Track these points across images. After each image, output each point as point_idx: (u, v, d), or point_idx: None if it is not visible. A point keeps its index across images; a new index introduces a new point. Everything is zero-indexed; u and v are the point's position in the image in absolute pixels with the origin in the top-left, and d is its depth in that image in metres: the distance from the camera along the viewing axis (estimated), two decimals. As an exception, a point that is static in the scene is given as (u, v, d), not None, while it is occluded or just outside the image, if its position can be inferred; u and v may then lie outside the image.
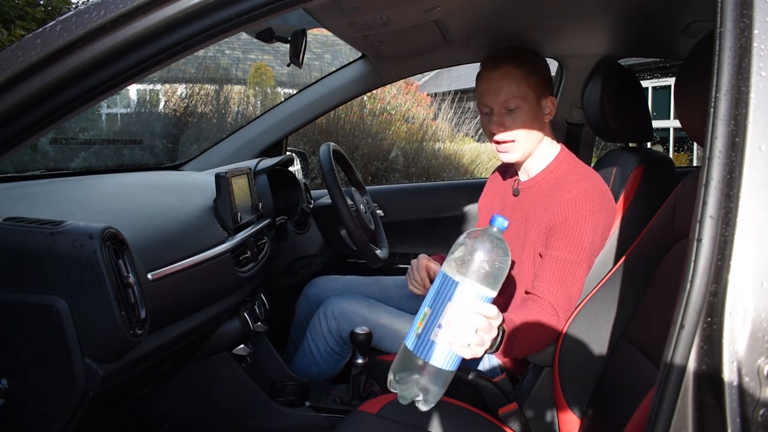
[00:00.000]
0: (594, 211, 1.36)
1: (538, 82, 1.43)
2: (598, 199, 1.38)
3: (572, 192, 1.38)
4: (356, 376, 1.45)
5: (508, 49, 1.46)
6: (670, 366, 0.65)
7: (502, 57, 1.44)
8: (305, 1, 0.85)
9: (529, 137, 1.45)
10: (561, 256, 1.35)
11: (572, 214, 1.36)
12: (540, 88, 1.44)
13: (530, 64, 1.43)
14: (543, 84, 1.45)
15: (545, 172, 1.49)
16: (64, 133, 4.26)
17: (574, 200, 1.37)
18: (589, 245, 1.35)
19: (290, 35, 1.77)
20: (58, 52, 0.76)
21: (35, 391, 0.92)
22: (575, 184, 1.40)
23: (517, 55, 1.44)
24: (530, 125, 1.44)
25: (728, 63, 0.65)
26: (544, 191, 1.46)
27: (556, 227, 1.37)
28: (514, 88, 1.41)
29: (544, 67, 1.47)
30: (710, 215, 0.64)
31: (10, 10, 4.00)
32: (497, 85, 1.43)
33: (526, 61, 1.43)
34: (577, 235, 1.35)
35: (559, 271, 1.34)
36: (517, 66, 1.42)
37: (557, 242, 1.36)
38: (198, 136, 6.02)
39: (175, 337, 1.19)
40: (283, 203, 2.07)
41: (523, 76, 1.42)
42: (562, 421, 1.26)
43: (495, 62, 1.44)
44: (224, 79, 7.51)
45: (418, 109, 7.77)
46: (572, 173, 1.45)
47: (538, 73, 1.44)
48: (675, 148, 9.15)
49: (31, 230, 0.91)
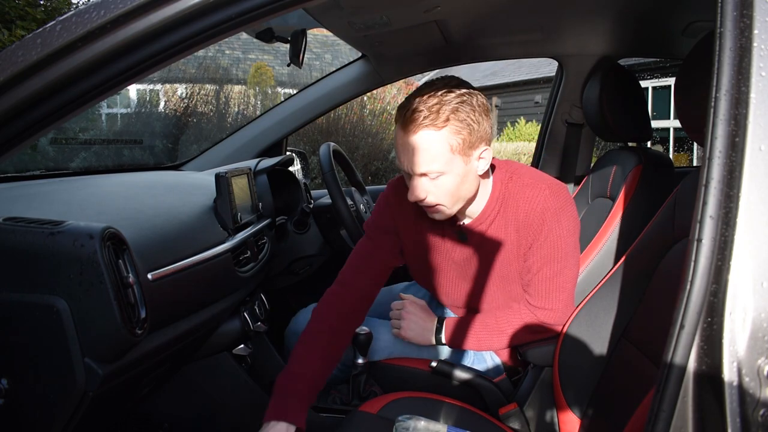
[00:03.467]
0: (560, 218, 1.29)
1: (465, 142, 1.19)
2: (559, 200, 1.29)
3: (534, 209, 1.28)
4: (356, 376, 1.45)
5: (427, 98, 1.17)
6: (670, 366, 0.65)
7: (418, 117, 1.17)
8: (305, 1, 0.85)
9: (459, 199, 1.26)
10: (543, 275, 1.32)
11: (540, 231, 1.29)
12: (468, 146, 1.19)
13: (454, 121, 1.17)
14: (472, 139, 1.19)
15: (490, 205, 1.33)
16: (64, 133, 4.26)
17: (539, 216, 1.28)
18: (566, 251, 1.31)
19: (290, 35, 1.77)
20: (58, 52, 0.76)
21: (35, 391, 0.92)
22: (532, 198, 1.29)
23: (439, 109, 1.16)
24: (458, 189, 1.23)
25: (728, 63, 0.65)
26: (496, 220, 1.33)
27: (531, 247, 1.31)
28: (433, 156, 1.18)
29: (473, 117, 1.19)
30: (710, 215, 0.64)
31: (11, 11, 4.00)
32: (412, 152, 1.19)
33: (449, 119, 1.17)
34: (551, 249, 1.30)
35: (547, 289, 1.32)
36: (437, 129, 1.16)
37: (535, 263, 1.31)
38: (198, 136, 6.02)
39: (175, 337, 1.18)
40: (283, 203, 2.07)
41: (445, 141, 1.17)
42: (562, 421, 1.26)
43: (410, 122, 1.17)
44: (224, 79, 7.51)
45: (418, 109, 7.76)
46: (515, 182, 1.32)
47: (464, 130, 1.18)
48: (675, 148, 9.15)
49: (31, 230, 0.91)
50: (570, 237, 1.31)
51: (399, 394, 1.32)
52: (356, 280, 1.41)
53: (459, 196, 1.25)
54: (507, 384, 1.40)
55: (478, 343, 1.39)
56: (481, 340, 1.38)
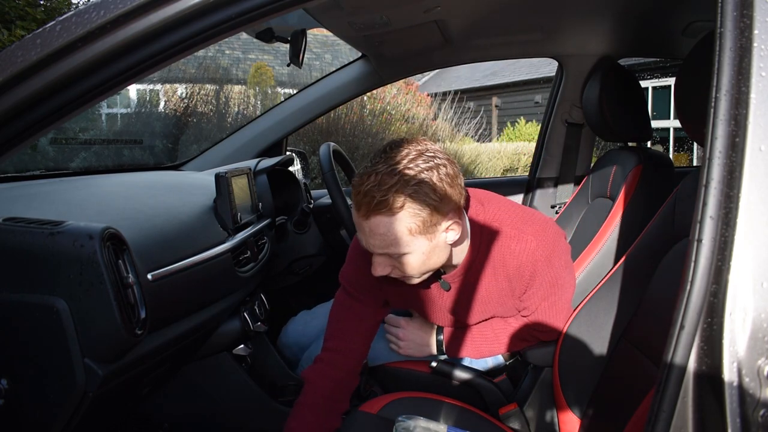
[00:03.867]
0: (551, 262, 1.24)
1: (427, 222, 1.06)
2: (548, 247, 1.23)
3: (524, 264, 1.22)
4: (356, 376, 1.45)
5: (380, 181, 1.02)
6: (670, 366, 0.65)
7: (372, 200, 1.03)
8: (305, 1, 0.85)
9: (428, 268, 1.15)
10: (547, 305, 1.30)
11: (534, 279, 1.25)
12: (432, 225, 1.07)
13: (412, 202, 1.03)
14: (435, 216, 1.06)
15: (470, 256, 1.25)
16: (64, 133, 4.26)
17: (530, 268, 1.23)
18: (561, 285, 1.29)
19: (290, 35, 1.77)
20: (57, 52, 0.76)
21: (35, 391, 0.92)
22: (519, 253, 1.22)
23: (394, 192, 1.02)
24: (424, 263, 1.12)
25: (728, 63, 0.65)
26: (483, 268, 1.27)
27: (526, 291, 1.28)
28: (390, 241, 1.06)
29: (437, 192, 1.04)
30: (710, 216, 0.64)
31: (11, 11, 4.00)
32: (368, 233, 1.07)
33: (405, 201, 1.03)
34: (546, 289, 1.27)
35: (546, 318, 1.32)
36: (391, 213, 1.03)
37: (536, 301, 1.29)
38: (198, 136, 6.02)
39: (175, 337, 1.18)
40: (283, 203, 2.07)
41: (402, 226, 1.04)
42: (562, 421, 1.26)
43: (362, 205, 1.04)
44: (224, 79, 7.51)
45: (418, 109, 7.77)
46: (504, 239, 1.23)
47: (424, 209, 1.04)
48: (675, 148, 9.15)
49: (31, 230, 0.91)
50: (564, 269, 1.28)
51: (399, 394, 1.32)
52: (345, 344, 1.30)
53: (427, 268, 1.15)
54: (507, 384, 1.40)
55: (478, 353, 1.39)
56: (482, 352, 1.39)
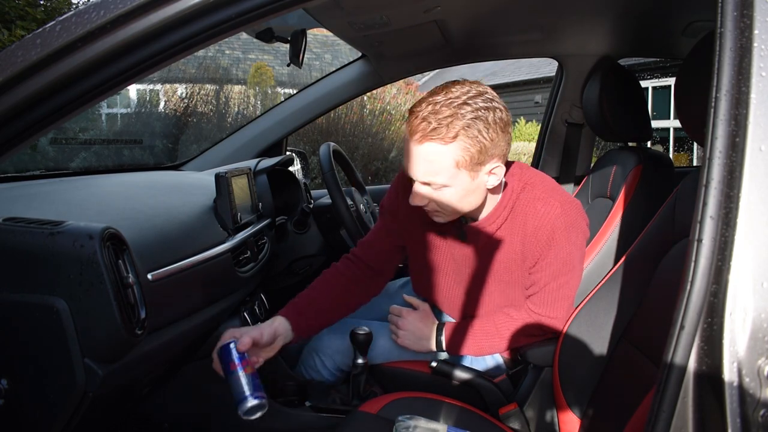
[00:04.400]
0: (569, 236, 1.26)
1: (474, 159, 1.12)
2: (570, 219, 1.25)
3: (544, 226, 1.24)
4: (356, 376, 1.45)
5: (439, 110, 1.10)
6: (670, 366, 0.65)
7: (428, 126, 1.10)
8: (305, 1, 0.85)
9: (461, 209, 1.22)
10: (549, 288, 1.31)
11: (549, 248, 1.26)
12: (478, 163, 1.14)
13: (464, 137, 1.10)
14: (482, 155, 1.13)
15: (497, 211, 1.29)
16: (64, 133, 4.26)
17: (548, 234, 1.24)
18: (571, 266, 1.30)
19: (290, 35, 1.77)
20: (57, 52, 0.76)
21: (35, 391, 0.92)
22: (544, 213, 1.25)
23: (450, 122, 1.10)
24: (460, 201, 1.19)
25: (728, 63, 0.65)
26: (502, 227, 1.30)
27: (538, 262, 1.29)
28: (436, 170, 1.13)
29: (487, 131, 1.12)
30: (710, 216, 0.64)
31: (11, 11, 4.00)
32: (416, 160, 1.14)
33: (459, 134, 1.10)
34: (558, 265, 1.28)
35: (552, 300, 1.32)
36: (445, 142, 1.11)
37: (546, 275, 1.30)
38: (198, 136, 6.01)
39: (175, 337, 1.18)
40: (283, 203, 2.07)
41: (451, 155, 1.11)
42: (562, 421, 1.26)
43: (418, 132, 1.11)
44: (224, 79, 7.50)
45: (418, 109, 7.75)
46: (531, 200, 1.27)
47: (474, 146, 1.11)
48: (675, 148, 9.15)
49: (31, 230, 0.91)
50: (578, 251, 1.30)
51: (399, 394, 1.32)
52: (365, 255, 1.47)
53: (461, 207, 1.22)
54: (507, 384, 1.39)
55: (479, 349, 1.38)
56: (482, 348, 1.38)
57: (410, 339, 1.43)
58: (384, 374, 1.49)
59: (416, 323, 1.44)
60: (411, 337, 1.43)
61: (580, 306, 1.30)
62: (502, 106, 1.16)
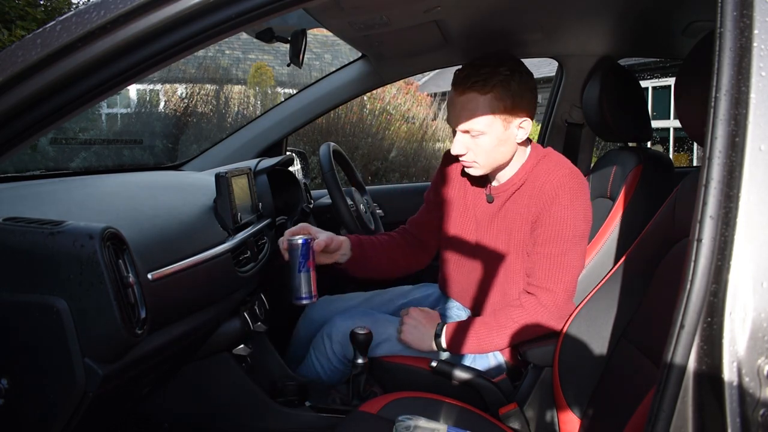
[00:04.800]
0: (572, 199, 1.36)
1: (507, 108, 1.34)
2: (575, 185, 1.37)
3: (550, 182, 1.37)
4: (356, 376, 1.45)
5: (480, 67, 1.34)
6: (670, 366, 0.65)
7: (469, 79, 1.34)
8: (305, 1, 0.85)
9: (494, 160, 1.40)
10: (547, 252, 1.36)
11: (551, 205, 1.36)
12: (510, 113, 1.35)
13: (500, 89, 1.33)
14: (514, 108, 1.35)
15: (518, 174, 1.45)
16: (64, 133, 4.26)
17: (553, 190, 1.36)
18: (572, 233, 1.36)
19: (290, 35, 1.77)
20: (58, 52, 0.76)
21: (35, 391, 0.92)
22: (551, 173, 1.39)
23: (488, 77, 1.33)
24: (494, 151, 1.38)
25: (728, 63, 0.65)
26: (520, 189, 1.44)
27: (538, 220, 1.38)
28: (476, 116, 1.34)
29: (518, 88, 1.35)
30: (710, 215, 0.64)
31: (11, 11, 4.00)
32: (459, 110, 1.36)
33: (495, 86, 1.32)
34: (559, 226, 1.35)
35: (550, 267, 1.36)
36: (483, 92, 1.33)
37: (541, 236, 1.38)
38: (198, 136, 6.01)
39: (175, 337, 1.18)
40: (283, 203, 2.07)
41: (488, 105, 1.33)
42: (562, 421, 1.26)
43: (461, 84, 1.35)
44: (224, 79, 7.50)
45: (418, 108, 7.76)
46: (544, 163, 1.43)
47: (507, 98, 1.34)
48: (675, 148, 9.16)
49: (31, 230, 0.91)
50: (579, 223, 1.36)
51: (399, 394, 1.32)
52: (413, 228, 1.67)
53: (494, 158, 1.39)
54: (507, 384, 1.39)
55: (479, 342, 1.39)
56: (482, 339, 1.38)
57: (412, 335, 1.45)
58: (384, 371, 1.49)
59: (420, 318, 1.46)
60: (413, 332, 1.45)
61: (580, 306, 1.30)
62: (530, 77, 1.39)
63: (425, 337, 1.44)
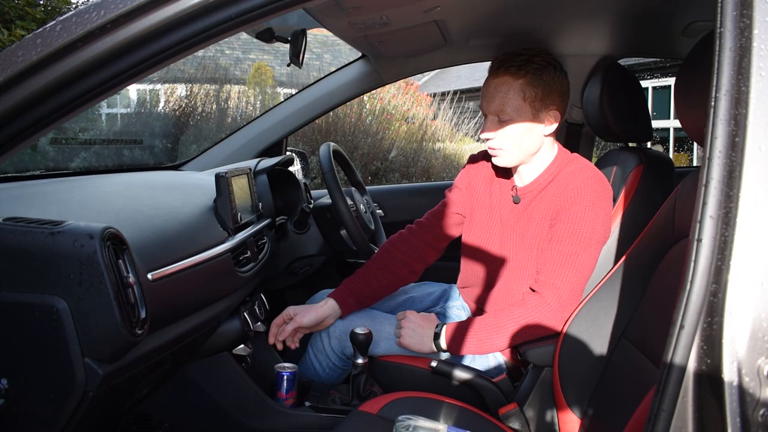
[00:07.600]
0: (594, 201, 1.36)
1: (538, 96, 1.38)
2: (599, 188, 1.39)
3: (574, 182, 1.39)
4: (356, 376, 1.45)
5: (516, 55, 1.40)
6: (670, 366, 0.65)
7: (504, 64, 1.39)
8: (305, 1, 0.85)
9: (520, 148, 1.42)
10: (561, 249, 1.36)
11: (573, 204, 1.37)
12: (540, 101, 1.38)
13: (533, 76, 1.37)
14: (545, 97, 1.39)
15: (544, 175, 1.47)
16: (64, 133, 4.25)
17: (576, 190, 1.37)
18: (588, 235, 1.35)
19: (290, 35, 1.77)
20: (58, 52, 0.76)
21: (35, 391, 0.92)
22: (576, 174, 1.40)
23: (522, 64, 1.38)
24: (521, 138, 1.41)
25: (728, 63, 0.65)
26: (545, 189, 1.45)
27: (557, 217, 1.39)
28: (507, 99, 1.38)
29: (551, 79, 1.39)
30: (710, 215, 0.64)
31: (11, 10, 4.00)
32: (492, 93, 1.40)
33: (528, 72, 1.37)
34: (576, 226, 1.35)
35: (560, 265, 1.35)
36: (516, 77, 1.37)
37: (557, 234, 1.38)
38: (198, 136, 6.01)
39: (175, 337, 1.18)
40: (283, 203, 2.07)
41: (520, 89, 1.37)
42: (562, 421, 1.26)
43: (496, 68, 1.41)
44: (224, 79, 7.50)
45: (418, 109, 7.76)
46: (571, 166, 1.45)
47: (539, 86, 1.38)
48: (675, 148, 9.15)
49: (31, 230, 0.91)
50: (597, 226, 1.36)
51: (399, 394, 1.32)
52: (429, 221, 1.64)
53: (520, 146, 1.41)
54: (507, 384, 1.39)
55: (479, 343, 1.38)
56: (482, 340, 1.38)
57: (411, 338, 1.44)
58: (384, 371, 1.49)
59: (418, 321, 1.46)
60: (412, 335, 1.45)
61: (580, 306, 1.30)
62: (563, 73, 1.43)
63: (425, 339, 1.44)
